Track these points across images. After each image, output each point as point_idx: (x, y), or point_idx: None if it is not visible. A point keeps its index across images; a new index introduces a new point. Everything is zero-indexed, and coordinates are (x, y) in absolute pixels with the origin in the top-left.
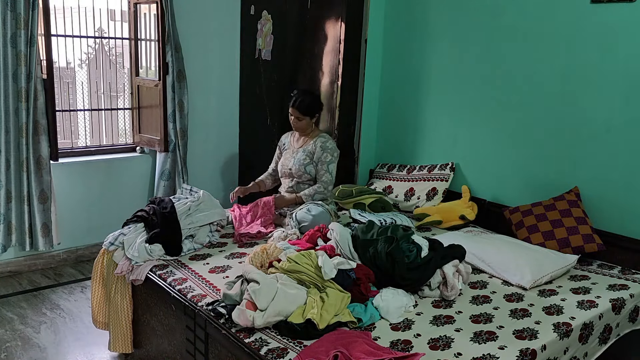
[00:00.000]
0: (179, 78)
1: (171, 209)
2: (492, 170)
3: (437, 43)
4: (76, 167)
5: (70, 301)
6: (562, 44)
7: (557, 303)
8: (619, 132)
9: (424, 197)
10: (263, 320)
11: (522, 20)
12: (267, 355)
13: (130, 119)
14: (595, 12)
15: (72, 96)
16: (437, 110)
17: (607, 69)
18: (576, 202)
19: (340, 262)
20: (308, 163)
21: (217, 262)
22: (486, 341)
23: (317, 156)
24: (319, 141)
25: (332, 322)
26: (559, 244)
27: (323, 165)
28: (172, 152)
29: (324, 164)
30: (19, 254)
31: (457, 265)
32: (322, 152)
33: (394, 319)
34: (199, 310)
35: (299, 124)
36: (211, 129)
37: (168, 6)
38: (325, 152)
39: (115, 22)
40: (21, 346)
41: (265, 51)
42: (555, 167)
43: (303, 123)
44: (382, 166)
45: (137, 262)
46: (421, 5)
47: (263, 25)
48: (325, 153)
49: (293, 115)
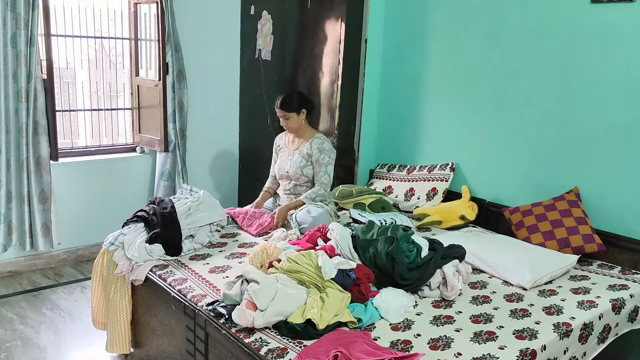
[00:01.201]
0: (179, 78)
1: (171, 209)
2: (492, 171)
3: (437, 43)
4: (76, 167)
5: (70, 301)
6: (562, 44)
7: (557, 303)
8: (619, 132)
9: (424, 197)
10: (263, 320)
11: (522, 20)
12: (267, 355)
13: (130, 119)
14: (595, 12)
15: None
16: (437, 110)
17: (607, 69)
18: (576, 202)
19: (340, 262)
20: (305, 165)
21: (217, 262)
22: (486, 341)
23: (314, 158)
24: (314, 142)
25: (332, 322)
26: (559, 244)
27: (321, 167)
28: (172, 152)
29: (322, 165)
30: (19, 254)
31: (457, 265)
32: (320, 154)
33: (394, 319)
34: (199, 310)
35: (288, 123)
36: (211, 129)
37: (168, 6)
38: (323, 154)
39: (115, 22)
40: (21, 346)
41: (265, 51)
42: (555, 167)
43: (292, 121)
44: (382, 166)
45: (137, 262)
46: (421, 5)
47: (263, 25)
48: (322, 154)
49: (280, 116)
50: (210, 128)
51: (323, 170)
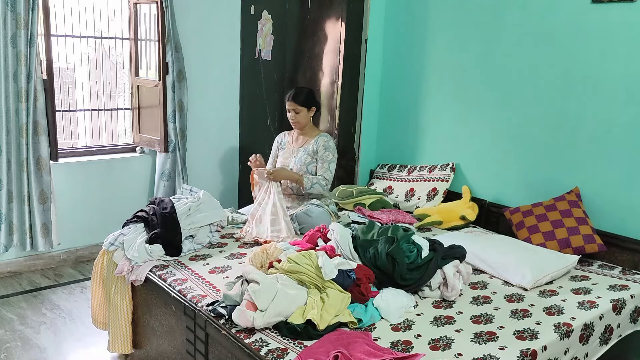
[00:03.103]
0: (179, 78)
1: (171, 210)
2: (493, 171)
3: (437, 43)
4: (76, 167)
5: (70, 301)
6: (563, 44)
7: (558, 303)
8: (619, 132)
9: (425, 198)
10: (263, 320)
11: (522, 20)
12: (267, 355)
13: (130, 119)
14: (595, 12)
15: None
16: (437, 110)
17: (607, 68)
18: (577, 203)
19: (341, 263)
20: (310, 162)
21: (217, 263)
22: (487, 342)
23: (319, 154)
24: (320, 140)
25: (333, 322)
26: (559, 244)
27: (324, 163)
28: (172, 152)
29: (325, 162)
30: (19, 255)
31: (458, 265)
32: (325, 151)
33: (394, 320)
34: (199, 310)
35: (297, 117)
36: (211, 129)
37: (168, 6)
38: (327, 151)
39: (115, 22)
40: (21, 346)
41: (265, 51)
42: (556, 167)
43: (301, 116)
44: (383, 166)
45: (137, 262)
46: (421, 5)
47: (263, 25)
48: (327, 152)
49: (290, 108)
50: (210, 128)
51: (326, 167)
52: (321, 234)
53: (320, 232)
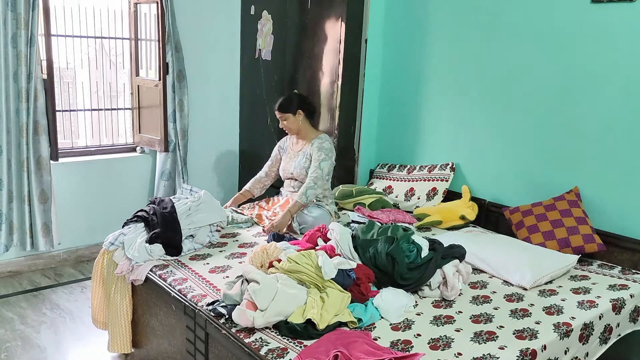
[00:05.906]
0: (179, 78)
1: (171, 209)
2: (492, 170)
3: (437, 43)
4: (76, 167)
5: (70, 301)
6: (562, 44)
7: (557, 303)
8: (619, 132)
9: (424, 197)
10: (263, 320)
11: (522, 20)
12: (267, 355)
13: (130, 119)
14: (595, 12)
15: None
16: (437, 110)
17: (607, 68)
18: (576, 202)
19: (341, 262)
20: (309, 166)
21: (217, 262)
22: (486, 341)
23: (313, 156)
24: (316, 142)
25: (332, 322)
26: (559, 244)
27: (315, 162)
28: (172, 152)
29: (316, 161)
30: (19, 254)
31: (457, 265)
32: (318, 151)
33: (394, 319)
34: (199, 310)
35: (287, 124)
36: (211, 129)
37: (168, 6)
38: (320, 151)
39: (115, 22)
40: (21, 346)
41: (265, 51)
42: (556, 167)
43: (289, 122)
44: (382, 166)
45: (137, 262)
46: (421, 5)
47: (263, 25)
48: (320, 152)
49: (278, 117)
50: (210, 128)
51: (316, 165)
52: (321, 233)
53: (320, 232)
